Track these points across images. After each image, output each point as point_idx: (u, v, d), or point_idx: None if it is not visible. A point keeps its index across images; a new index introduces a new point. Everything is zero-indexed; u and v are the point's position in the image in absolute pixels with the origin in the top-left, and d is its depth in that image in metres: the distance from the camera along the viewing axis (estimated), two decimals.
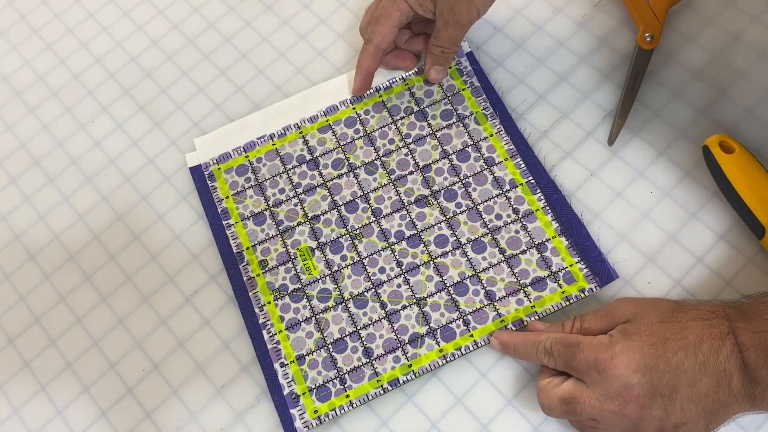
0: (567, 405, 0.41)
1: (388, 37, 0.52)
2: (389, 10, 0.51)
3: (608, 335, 0.41)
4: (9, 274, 0.54)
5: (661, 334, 0.39)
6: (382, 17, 0.51)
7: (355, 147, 0.54)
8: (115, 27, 0.62)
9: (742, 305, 0.40)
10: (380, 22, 0.52)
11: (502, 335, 0.46)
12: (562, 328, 0.44)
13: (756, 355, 0.37)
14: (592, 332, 0.43)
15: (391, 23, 0.51)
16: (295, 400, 0.47)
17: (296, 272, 0.51)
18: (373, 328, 0.48)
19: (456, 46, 0.52)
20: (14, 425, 0.49)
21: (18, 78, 0.61)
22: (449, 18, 0.50)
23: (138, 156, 0.57)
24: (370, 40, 0.53)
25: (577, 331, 0.44)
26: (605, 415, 0.39)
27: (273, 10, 0.61)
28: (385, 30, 0.52)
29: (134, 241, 0.54)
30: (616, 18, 0.56)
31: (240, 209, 0.53)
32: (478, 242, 0.50)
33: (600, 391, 0.39)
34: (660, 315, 0.40)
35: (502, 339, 0.46)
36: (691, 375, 0.38)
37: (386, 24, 0.52)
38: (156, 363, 0.50)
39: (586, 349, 0.40)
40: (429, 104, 0.54)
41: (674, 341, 0.39)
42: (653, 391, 0.38)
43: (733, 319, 0.39)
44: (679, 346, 0.38)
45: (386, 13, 0.51)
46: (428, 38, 0.53)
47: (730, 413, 0.39)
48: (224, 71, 0.59)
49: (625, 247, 0.49)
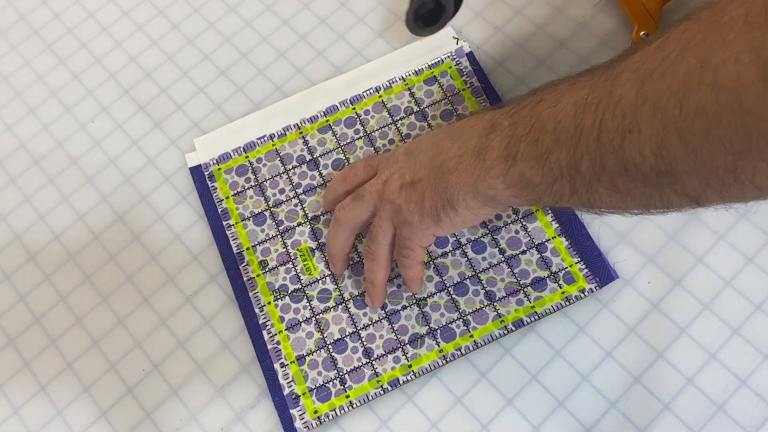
0: (356, 195, 0.47)
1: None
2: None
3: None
4: (9, 274, 0.54)
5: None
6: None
7: (355, 147, 0.54)
8: (115, 27, 0.62)
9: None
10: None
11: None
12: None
13: (499, 117, 0.40)
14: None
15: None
16: (295, 400, 0.47)
17: (296, 272, 0.51)
18: (373, 328, 0.48)
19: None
20: (14, 425, 0.49)
21: (18, 78, 0.61)
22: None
23: (138, 156, 0.57)
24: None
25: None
26: (374, 187, 0.45)
27: (273, 10, 0.61)
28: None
29: (134, 241, 0.54)
30: (616, 18, 0.56)
31: (240, 209, 0.53)
32: (478, 242, 0.50)
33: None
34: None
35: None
36: (440, 138, 0.43)
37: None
38: (156, 363, 0.50)
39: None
40: (429, 104, 0.54)
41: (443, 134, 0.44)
42: (406, 152, 0.45)
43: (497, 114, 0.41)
44: (446, 131, 0.43)
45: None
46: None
47: (461, 178, 0.40)
48: (224, 71, 0.59)
49: (625, 247, 0.49)
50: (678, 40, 0.29)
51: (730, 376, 0.45)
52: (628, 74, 0.31)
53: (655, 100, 0.29)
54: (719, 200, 0.31)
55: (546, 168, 0.36)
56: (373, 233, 0.46)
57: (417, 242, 0.44)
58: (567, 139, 0.34)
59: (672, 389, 0.45)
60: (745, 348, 0.46)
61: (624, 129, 0.31)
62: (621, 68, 0.32)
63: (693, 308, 0.47)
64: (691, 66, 0.28)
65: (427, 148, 0.43)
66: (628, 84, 0.31)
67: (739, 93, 0.26)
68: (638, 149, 0.31)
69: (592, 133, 0.33)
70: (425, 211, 0.42)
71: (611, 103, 0.31)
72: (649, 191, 0.32)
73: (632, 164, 0.31)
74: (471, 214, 0.42)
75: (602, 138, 0.32)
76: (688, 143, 0.28)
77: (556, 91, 0.36)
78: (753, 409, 0.44)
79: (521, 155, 0.37)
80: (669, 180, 0.31)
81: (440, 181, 0.41)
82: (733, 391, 0.45)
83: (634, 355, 0.46)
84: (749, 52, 0.25)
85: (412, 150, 0.45)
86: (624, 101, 0.31)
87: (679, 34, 0.29)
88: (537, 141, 0.36)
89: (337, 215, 0.48)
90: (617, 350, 0.47)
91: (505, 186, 0.39)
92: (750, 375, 0.45)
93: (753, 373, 0.45)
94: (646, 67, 0.30)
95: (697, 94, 0.27)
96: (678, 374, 0.46)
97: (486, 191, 0.40)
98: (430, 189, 0.42)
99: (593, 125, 0.32)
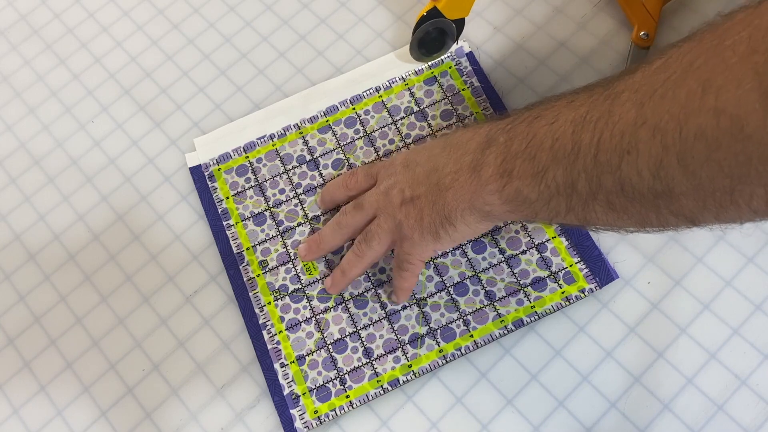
0: (357, 204, 0.47)
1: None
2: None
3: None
4: (9, 274, 0.54)
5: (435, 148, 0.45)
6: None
7: (355, 147, 0.54)
8: (115, 27, 0.62)
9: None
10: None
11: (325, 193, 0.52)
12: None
13: (495, 132, 0.40)
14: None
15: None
16: (295, 400, 0.47)
17: (296, 273, 0.51)
18: (373, 328, 0.48)
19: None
20: (14, 425, 0.49)
21: (18, 78, 0.61)
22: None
23: (138, 156, 0.57)
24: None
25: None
26: (374, 198, 0.46)
27: (273, 10, 0.61)
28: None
29: (134, 241, 0.54)
30: (616, 18, 0.56)
31: (240, 210, 0.53)
32: (478, 242, 0.50)
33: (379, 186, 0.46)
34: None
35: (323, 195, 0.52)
36: (436, 152, 0.43)
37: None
38: (156, 363, 0.50)
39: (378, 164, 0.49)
40: (429, 104, 0.54)
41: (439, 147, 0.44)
42: (403, 163, 0.45)
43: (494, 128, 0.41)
44: (442, 145, 0.44)
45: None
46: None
47: (458, 195, 0.41)
48: (224, 71, 0.59)
49: (625, 247, 0.49)
50: (679, 62, 0.29)
51: (730, 376, 0.45)
52: (628, 94, 0.31)
53: (654, 122, 0.29)
54: (715, 221, 0.31)
55: (542, 185, 0.36)
56: (369, 237, 0.46)
57: (417, 257, 0.45)
58: (564, 157, 0.34)
59: (672, 389, 0.45)
60: (745, 348, 0.46)
61: (622, 149, 0.31)
62: (621, 87, 0.32)
63: (693, 308, 0.47)
64: (692, 89, 0.27)
65: (424, 161, 0.44)
66: (628, 104, 0.31)
67: (740, 119, 0.26)
68: (636, 170, 0.30)
69: (589, 151, 0.32)
70: (424, 228, 0.43)
71: (610, 123, 0.31)
72: (645, 211, 0.32)
73: (629, 184, 0.31)
74: (469, 230, 0.42)
75: (600, 157, 0.32)
76: (687, 166, 0.28)
77: (553, 108, 0.36)
78: (753, 409, 0.44)
79: (517, 172, 0.37)
80: (666, 201, 0.31)
81: (438, 198, 0.42)
82: (733, 391, 0.45)
83: (634, 355, 0.46)
84: (752, 77, 0.25)
85: (409, 162, 0.45)
86: (623, 121, 0.31)
87: (681, 55, 0.29)
88: (533, 158, 0.36)
89: (339, 218, 0.48)
90: (617, 350, 0.47)
91: (501, 202, 0.39)
92: (750, 375, 0.45)
93: (753, 373, 0.45)
94: (646, 88, 0.30)
95: (697, 118, 0.27)
96: (678, 374, 0.46)
97: (482, 207, 0.40)
98: (428, 206, 0.42)
99: (591, 144, 0.32)
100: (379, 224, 0.46)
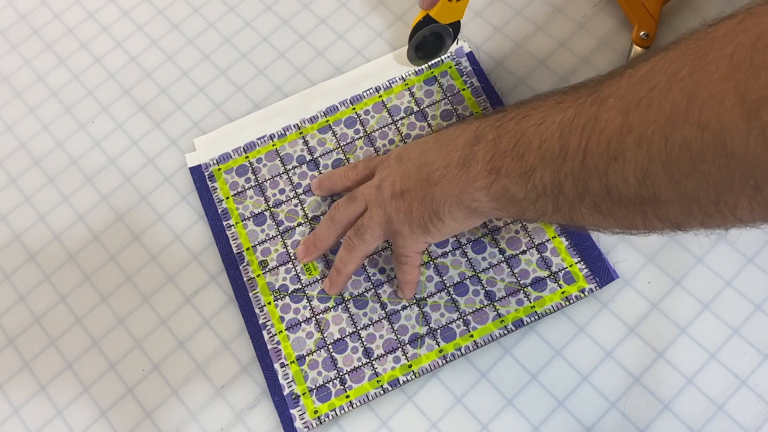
0: (350, 197, 0.47)
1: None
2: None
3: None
4: (9, 274, 0.54)
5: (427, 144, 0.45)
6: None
7: (355, 147, 0.54)
8: (115, 27, 0.62)
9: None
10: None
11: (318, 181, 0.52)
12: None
13: (484, 128, 0.40)
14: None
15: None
16: (295, 400, 0.47)
17: (296, 273, 0.51)
18: (373, 328, 0.48)
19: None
20: (14, 425, 0.49)
21: (18, 78, 0.61)
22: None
23: (138, 156, 0.57)
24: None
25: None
26: (367, 190, 0.46)
27: (273, 10, 0.61)
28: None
29: (134, 241, 0.54)
30: (616, 18, 0.56)
31: (240, 210, 0.53)
32: (478, 242, 0.50)
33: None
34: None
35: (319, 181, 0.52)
36: (427, 147, 0.43)
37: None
38: (156, 363, 0.50)
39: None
40: (429, 104, 0.54)
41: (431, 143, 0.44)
42: (397, 158, 0.45)
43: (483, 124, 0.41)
44: (434, 140, 0.44)
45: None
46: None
47: (446, 190, 0.41)
48: (224, 71, 0.59)
49: (625, 247, 0.49)
50: (664, 72, 0.29)
51: (730, 376, 0.45)
52: (613, 101, 0.31)
53: (640, 131, 0.29)
54: (701, 227, 0.31)
55: (530, 185, 0.36)
56: (362, 230, 0.46)
57: (411, 249, 0.46)
58: (552, 159, 0.34)
59: (672, 389, 0.45)
60: (745, 348, 0.46)
61: (609, 156, 0.31)
62: (607, 92, 0.32)
63: (693, 308, 0.47)
64: (677, 101, 0.28)
65: (416, 156, 0.44)
66: (614, 111, 0.31)
67: (723, 134, 0.26)
68: (622, 176, 0.31)
69: (576, 156, 0.33)
70: (414, 222, 0.43)
71: (597, 129, 0.32)
72: (631, 215, 0.33)
73: (616, 189, 0.32)
74: (458, 224, 0.42)
75: (587, 162, 0.32)
76: (672, 175, 0.29)
77: (541, 108, 0.36)
78: (753, 409, 0.44)
79: (505, 170, 0.37)
80: (652, 207, 0.31)
81: (427, 192, 0.42)
82: (733, 391, 0.45)
83: (634, 355, 0.46)
84: (734, 94, 0.26)
85: (402, 156, 0.45)
86: (609, 128, 0.31)
87: (666, 65, 0.29)
88: (521, 157, 0.36)
89: (332, 213, 0.48)
90: (617, 350, 0.47)
91: (489, 199, 0.39)
92: (750, 375, 0.45)
93: (753, 373, 0.45)
94: (632, 96, 0.30)
95: (682, 130, 0.28)
96: (678, 374, 0.46)
97: (470, 203, 0.40)
98: (417, 200, 0.43)
99: (578, 149, 0.33)
100: (371, 216, 0.46)
